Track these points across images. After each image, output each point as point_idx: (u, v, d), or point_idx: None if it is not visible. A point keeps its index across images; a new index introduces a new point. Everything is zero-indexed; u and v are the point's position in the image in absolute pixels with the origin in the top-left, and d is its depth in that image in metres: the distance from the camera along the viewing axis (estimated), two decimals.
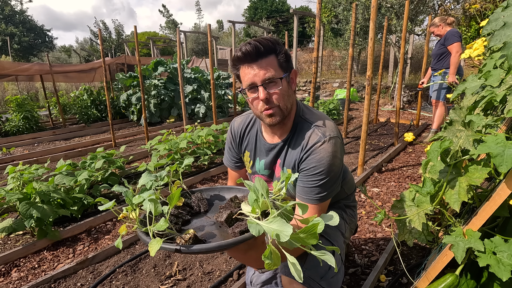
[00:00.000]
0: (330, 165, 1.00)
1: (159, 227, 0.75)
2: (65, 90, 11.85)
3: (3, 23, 26.56)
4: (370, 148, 4.13)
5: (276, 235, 0.63)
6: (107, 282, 1.72)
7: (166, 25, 36.38)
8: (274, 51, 1.00)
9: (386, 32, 5.11)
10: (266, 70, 0.98)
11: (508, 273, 0.80)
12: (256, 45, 0.96)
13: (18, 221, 1.98)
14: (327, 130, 1.04)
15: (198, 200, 1.05)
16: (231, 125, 1.28)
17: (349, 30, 8.80)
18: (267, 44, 0.97)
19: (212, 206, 1.06)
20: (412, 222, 1.09)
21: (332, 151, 1.01)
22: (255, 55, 0.97)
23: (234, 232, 0.81)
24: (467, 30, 8.48)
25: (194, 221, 0.97)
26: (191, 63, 11.26)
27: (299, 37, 12.59)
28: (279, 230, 0.64)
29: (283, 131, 1.12)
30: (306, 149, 1.04)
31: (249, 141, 1.23)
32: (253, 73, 0.98)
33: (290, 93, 1.04)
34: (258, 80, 0.98)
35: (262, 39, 0.99)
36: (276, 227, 0.65)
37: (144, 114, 4.50)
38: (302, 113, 1.12)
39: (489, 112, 1.13)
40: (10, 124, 5.87)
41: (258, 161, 1.21)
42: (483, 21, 1.03)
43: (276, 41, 1.01)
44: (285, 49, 1.03)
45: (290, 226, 0.64)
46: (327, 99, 7.18)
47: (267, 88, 0.99)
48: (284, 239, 0.63)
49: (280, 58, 1.01)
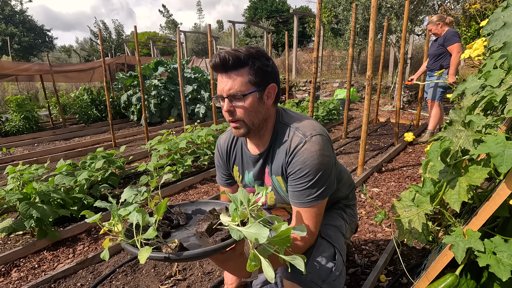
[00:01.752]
0: (315, 164, 0.98)
1: (148, 235, 0.79)
2: (65, 90, 11.85)
3: (3, 23, 26.56)
4: (370, 148, 4.13)
5: (255, 239, 0.71)
6: (107, 282, 1.72)
7: (166, 25, 36.36)
8: (246, 65, 0.96)
9: (386, 32, 5.11)
10: (232, 84, 0.96)
11: (508, 273, 0.80)
12: (224, 58, 0.94)
13: (18, 221, 1.98)
14: (307, 129, 1.02)
15: (177, 214, 1.08)
16: (217, 143, 1.28)
17: (349, 30, 8.80)
18: (238, 57, 0.94)
19: (191, 219, 1.10)
20: (412, 222, 1.09)
21: (316, 150, 0.98)
22: (222, 67, 0.96)
23: (215, 241, 0.84)
24: (467, 30, 8.48)
25: (174, 234, 1.00)
26: (191, 63, 11.27)
27: (299, 37, 12.59)
28: (257, 234, 0.72)
29: (264, 140, 1.11)
30: (290, 152, 1.02)
31: (236, 156, 1.22)
32: (222, 84, 0.98)
33: (259, 109, 1.01)
34: (224, 92, 0.98)
35: (234, 50, 0.95)
36: (254, 231, 0.73)
37: (144, 114, 4.50)
38: (281, 118, 1.10)
39: (489, 112, 1.13)
40: (10, 124, 5.88)
41: (247, 174, 1.20)
42: (483, 21, 1.03)
43: (252, 54, 0.96)
44: (263, 63, 0.98)
45: (267, 229, 0.71)
46: (327, 99, 7.18)
47: (232, 101, 0.99)
48: (262, 241, 0.71)
49: (252, 72, 0.97)
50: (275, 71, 1.03)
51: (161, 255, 0.77)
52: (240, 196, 0.81)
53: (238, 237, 0.74)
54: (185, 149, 3.57)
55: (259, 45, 1.12)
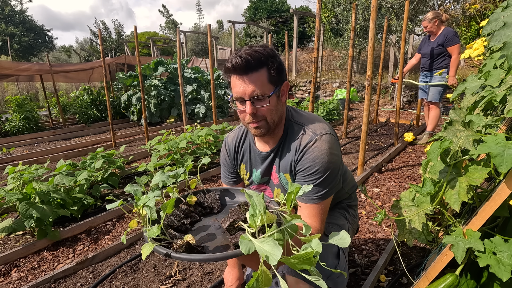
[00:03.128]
0: (325, 163, 1.00)
1: (151, 233, 0.77)
2: (65, 90, 11.86)
3: (3, 23, 26.55)
4: (370, 148, 4.13)
5: (266, 257, 0.63)
6: (107, 282, 1.72)
7: (166, 25, 36.37)
8: (265, 65, 0.96)
9: (386, 32, 5.10)
10: (254, 86, 0.95)
11: (508, 273, 0.80)
12: (246, 59, 0.92)
13: (18, 221, 1.98)
14: (318, 128, 1.05)
15: (212, 200, 1.05)
16: (224, 141, 1.29)
17: (349, 30, 8.80)
18: (258, 57, 0.94)
19: (225, 207, 1.06)
20: (412, 222, 1.09)
21: (325, 148, 1.00)
22: (245, 69, 0.94)
23: (232, 243, 0.81)
24: (467, 30, 8.48)
25: (203, 222, 0.98)
26: (191, 63, 11.26)
27: (299, 37, 12.60)
28: (269, 252, 0.63)
29: (274, 138, 1.13)
30: (300, 150, 1.04)
31: (244, 154, 1.24)
32: (242, 87, 0.96)
33: (278, 107, 1.03)
34: (246, 95, 0.97)
35: (254, 51, 0.95)
36: (267, 248, 0.64)
37: (144, 114, 4.50)
38: (291, 116, 1.12)
39: (489, 112, 1.13)
40: (10, 124, 5.87)
41: (255, 172, 1.22)
42: (483, 21, 1.03)
43: (269, 53, 0.97)
44: (278, 61, 0.99)
45: (280, 249, 0.63)
46: (327, 99, 7.18)
47: (255, 103, 0.99)
48: (273, 263, 0.62)
49: (272, 72, 0.98)
50: (284, 68, 1.05)
51: (163, 251, 0.75)
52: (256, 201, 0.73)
53: (247, 250, 0.65)
54: (185, 149, 3.57)
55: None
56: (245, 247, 0.66)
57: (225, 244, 0.85)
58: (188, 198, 1.02)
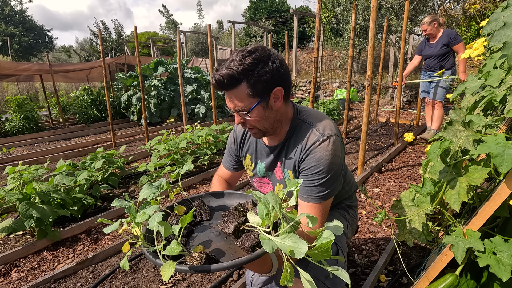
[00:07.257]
0: (330, 164, 1.01)
1: (172, 251, 0.70)
2: (65, 90, 11.86)
3: (3, 23, 26.56)
4: (370, 148, 4.13)
5: (291, 252, 0.62)
6: (107, 282, 1.72)
7: (166, 25, 36.39)
8: (243, 80, 0.93)
9: (386, 32, 5.10)
10: (234, 102, 0.97)
11: (508, 273, 0.80)
12: (219, 80, 0.92)
13: (18, 221, 1.98)
14: (326, 129, 1.05)
15: (200, 208, 1.00)
16: (233, 129, 1.32)
17: (349, 30, 8.80)
18: (232, 75, 0.91)
19: (214, 213, 1.03)
20: (412, 222, 1.09)
21: (331, 150, 1.01)
22: (221, 88, 0.95)
23: (243, 246, 0.78)
24: (467, 30, 8.47)
25: (197, 232, 0.93)
26: (191, 63, 11.27)
27: (299, 37, 12.59)
28: (293, 247, 0.62)
29: (280, 135, 1.14)
30: (306, 149, 1.05)
31: (250, 145, 1.26)
32: (227, 101, 1.00)
33: (268, 115, 1.02)
34: (231, 108, 1.00)
35: (227, 69, 0.91)
36: (290, 243, 0.63)
37: (144, 114, 4.50)
38: (299, 114, 1.13)
39: (489, 112, 1.13)
40: (10, 124, 5.87)
41: (260, 164, 1.23)
42: (483, 21, 1.03)
43: (247, 68, 0.91)
44: (260, 73, 0.93)
45: (305, 243, 0.62)
46: (327, 99, 7.18)
47: (240, 115, 1.01)
48: (299, 256, 0.61)
49: (253, 84, 0.93)
50: (279, 72, 0.97)
51: (187, 269, 0.70)
52: (271, 199, 0.71)
53: (271, 249, 0.64)
54: (185, 149, 3.57)
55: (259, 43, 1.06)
56: (268, 246, 0.64)
57: (234, 250, 0.83)
58: (175, 209, 0.96)
